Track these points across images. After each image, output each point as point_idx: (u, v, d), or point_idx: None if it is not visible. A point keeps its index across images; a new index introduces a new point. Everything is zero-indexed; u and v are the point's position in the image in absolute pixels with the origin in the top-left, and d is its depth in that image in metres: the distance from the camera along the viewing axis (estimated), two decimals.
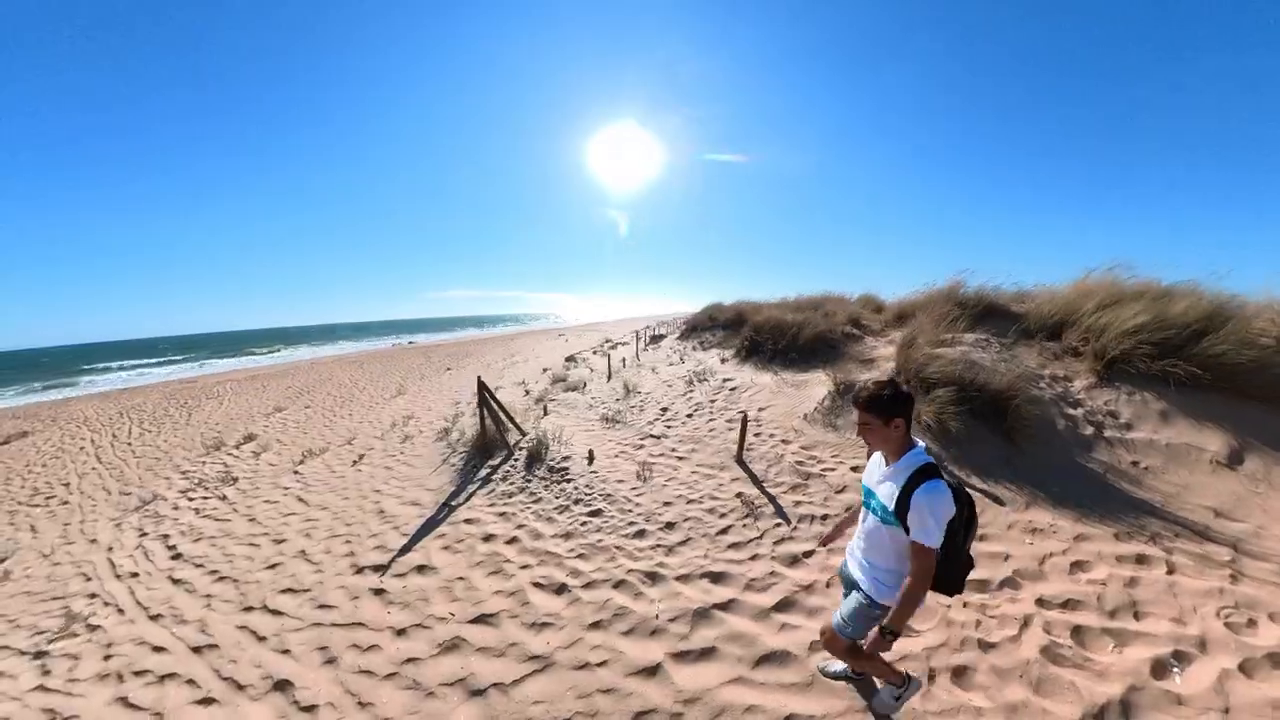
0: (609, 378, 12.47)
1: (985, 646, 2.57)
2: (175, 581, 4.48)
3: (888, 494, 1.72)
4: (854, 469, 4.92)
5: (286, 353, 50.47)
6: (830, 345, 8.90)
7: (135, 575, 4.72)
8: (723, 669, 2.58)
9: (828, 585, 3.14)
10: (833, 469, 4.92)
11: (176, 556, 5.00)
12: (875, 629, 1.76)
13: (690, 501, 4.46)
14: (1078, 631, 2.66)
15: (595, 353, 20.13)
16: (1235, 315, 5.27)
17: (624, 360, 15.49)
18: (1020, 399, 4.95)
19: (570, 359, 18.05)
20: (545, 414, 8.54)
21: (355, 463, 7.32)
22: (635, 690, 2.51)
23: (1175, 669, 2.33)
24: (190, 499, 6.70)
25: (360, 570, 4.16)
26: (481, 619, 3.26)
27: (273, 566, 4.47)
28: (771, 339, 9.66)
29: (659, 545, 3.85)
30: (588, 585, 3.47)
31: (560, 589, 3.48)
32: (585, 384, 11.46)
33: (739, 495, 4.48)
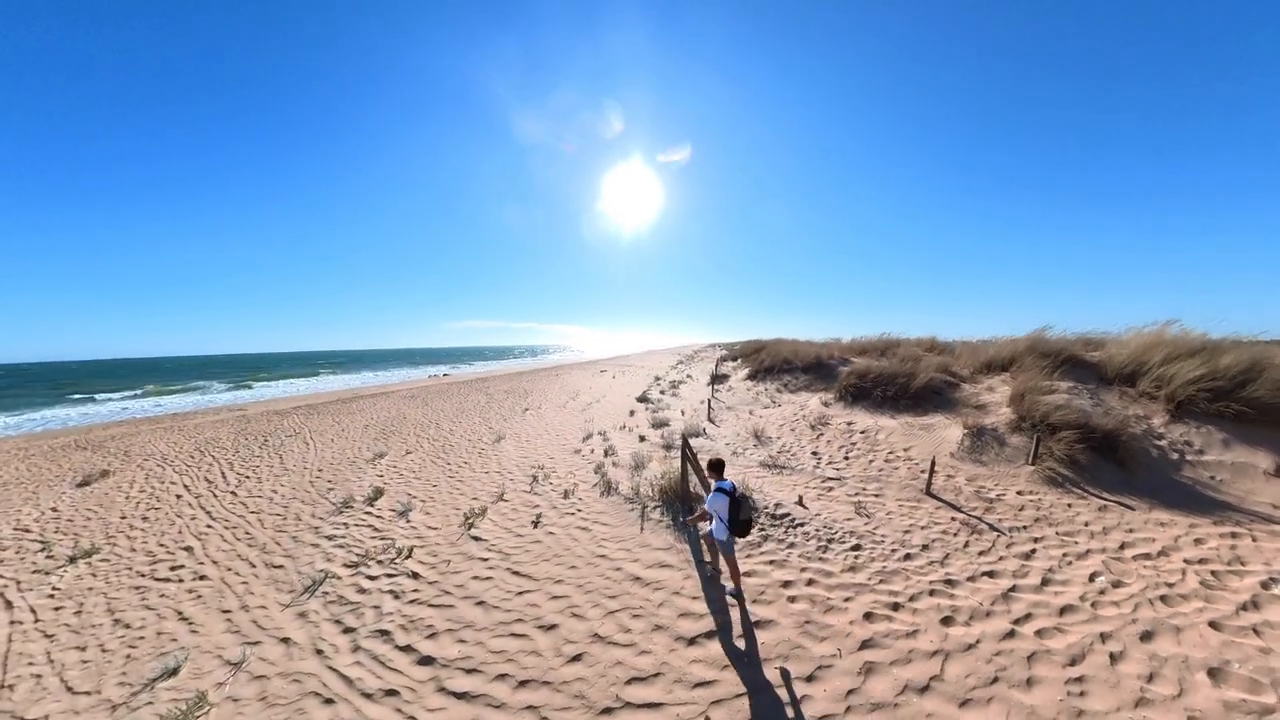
0: (709, 418, 14.85)
1: (1168, 585, 5.07)
2: (459, 696, 4.16)
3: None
4: (1018, 493, 7.48)
5: (314, 382, 52.45)
6: (935, 391, 11.54)
7: (392, 693, 4.29)
8: (1044, 622, 4.57)
9: (1060, 566, 5.62)
10: (1004, 493, 7.48)
11: (426, 661, 4.63)
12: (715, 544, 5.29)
13: (923, 528, 6.66)
14: (1214, 573, 5.20)
15: (663, 392, 22.48)
16: (1269, 365, 8.04)
17: (706, 402, 17.83)
18: (1127, 436, 7.60)
19: (644, 399, 20.35)
20: None
21: (535, 524, 7.45)
22: (1013, 648, 4.20)
23: (1275, 584, 4.88)
24: (371, 577, 6.27)
25: (692, 641, 4.57)
26: (866, 645, 4.41)
27: (576, 659, 4.44)
28: (880, 386, 12.23)
29: (931, 562, 5.69)
30: (912, 598, 5.00)
31: (895, 606, 4.89)
32: (704, 430, 13.39)
33: (953, 519, 6.95)
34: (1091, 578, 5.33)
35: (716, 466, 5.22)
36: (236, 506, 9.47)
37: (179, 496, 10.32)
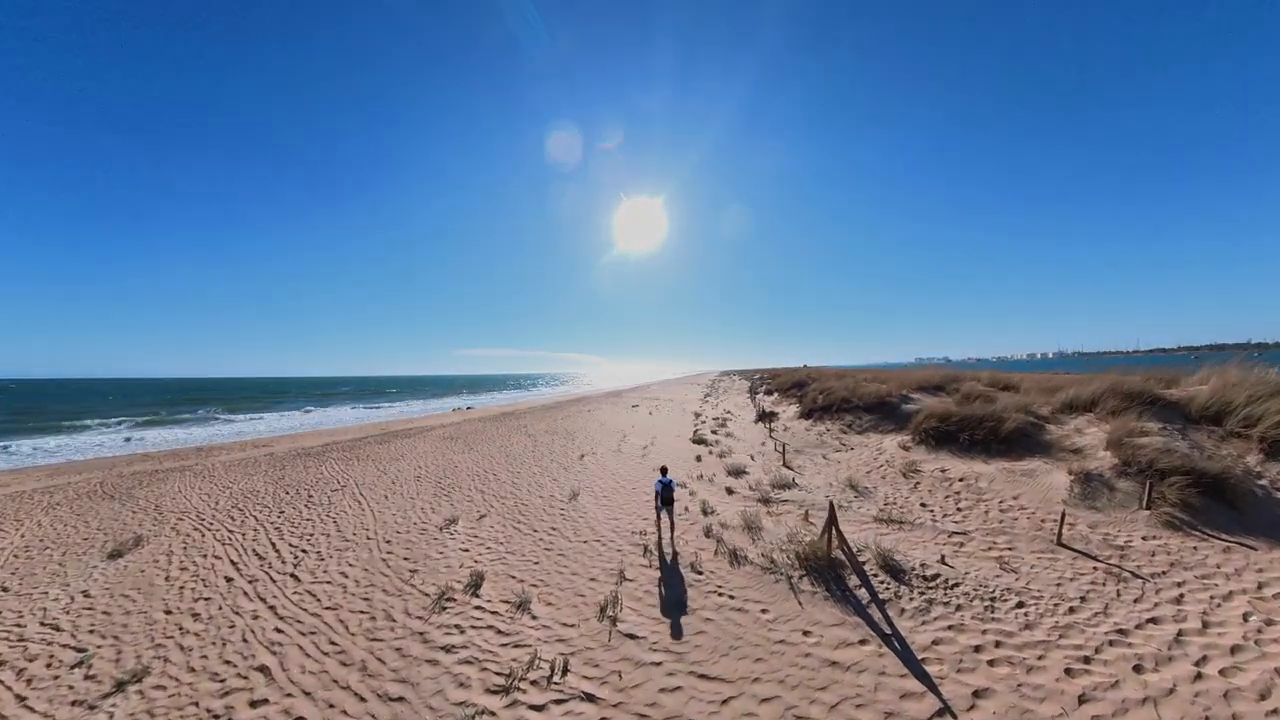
0: (785, 464, 16.01)
1: None
2: None
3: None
4: (1143, 538, 8.83)
5: (332, 413, 54.59)
6: (1024, 434, 12.93)
7: None
8: (1222, 662, 5.55)
9: (1212, 609, 6.90)
10: (1130, 539, 8.80)
11: None
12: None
13: (1071, 580, 7.79)
14: None
15: (714, 432, 23.71)
16: None
17: (768, 444, 19.03)
18: (1233, 479, 9.04)
19: (700, 441, 21.54)
20: (806, 518, 11.20)
21: (684, 610, 7.41)
22: (1206, 688, 5.19)
23: None
24: (535, 708, 5.46)
25: None
26: (1083, 700, 5.21)
27: None
28: (967, 429, 13.58)
29: (1095, 614, 6.63)
30: (1097, 650, 5.90)
31: (1086, 659, 5.75)
32: (793, 480, 14.21)
33: (1094, 568, 8.20)
34: (1245, 617, 6.59)
35: (663, 470, 10.73)
36: (304, 598, 8.35)
37: (229, 580, 9.24)
